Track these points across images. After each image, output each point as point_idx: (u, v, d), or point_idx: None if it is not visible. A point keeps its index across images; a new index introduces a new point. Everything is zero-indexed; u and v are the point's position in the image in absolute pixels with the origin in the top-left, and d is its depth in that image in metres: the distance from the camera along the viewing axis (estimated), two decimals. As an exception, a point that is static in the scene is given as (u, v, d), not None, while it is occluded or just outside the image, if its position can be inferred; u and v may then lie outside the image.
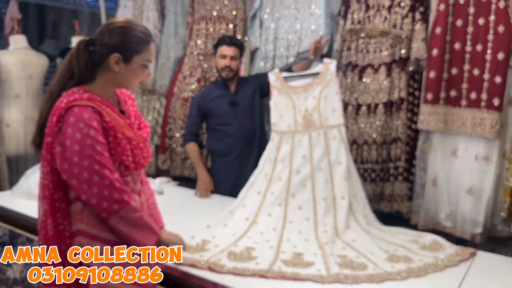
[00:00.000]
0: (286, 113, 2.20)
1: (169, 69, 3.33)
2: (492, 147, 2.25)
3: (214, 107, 2.66)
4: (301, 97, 2.18)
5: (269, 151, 2.20)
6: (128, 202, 1.40)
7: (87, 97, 1.37)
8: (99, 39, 1.42)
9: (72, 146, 1.33)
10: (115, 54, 1.41)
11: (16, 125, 3.54)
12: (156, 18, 3.39)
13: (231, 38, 2.63)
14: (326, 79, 2.15)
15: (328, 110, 2.15)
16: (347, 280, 1.62)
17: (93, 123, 1.34)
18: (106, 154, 1.37)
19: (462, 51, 2.28)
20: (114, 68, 1.42)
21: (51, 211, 1.39)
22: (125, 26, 1.44)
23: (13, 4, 5.16)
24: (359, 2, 2.51)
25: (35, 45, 4.85)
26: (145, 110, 3.51)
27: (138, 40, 1.44)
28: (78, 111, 1.34)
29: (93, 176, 1.34)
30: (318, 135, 2.14)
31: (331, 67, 2.16)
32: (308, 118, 2.15)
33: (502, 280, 1.69)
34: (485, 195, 2.26)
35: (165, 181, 2.92)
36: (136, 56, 1.44)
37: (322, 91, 2.15)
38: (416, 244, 1.95)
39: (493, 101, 2.20)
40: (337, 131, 2.13)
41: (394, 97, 2.47)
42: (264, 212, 2.09)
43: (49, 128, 1.38)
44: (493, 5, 2.18)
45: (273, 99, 2.23)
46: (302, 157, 2.13)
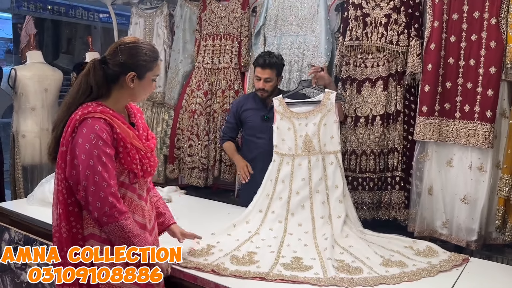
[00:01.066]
0: (287, 136, 2.34)
1: (178, 83, 3.47)
2: (486, 157, 2.33)
3: (247, 117, 2.72)
4: (302, 122, 2.32)
5: (270, 172, 2.35)
6: (117, 219, 1.43)
7: (100, 110, 1.49)
8: (113, 59, 1.53)
9: (80, 155, 1.44)
10: (131, 73, 1.53)
11: (32, 136, 3.71)
12: (165, 34, 3.56)
13: (265, 60, 2.56)
14: (327, 108, 2.30)
15: (327, 137, 2.29)
16: (343, 283, 1.71)
17: (103, 135, 1.45)
18: (110, 165, 1.45)
19: (456, 66, 2.38)
20: (129, 85, 1.54)
21: (65, 215, 1.49)
22: (137, 46, 1.55)
23: (29, 20, 5.38)
24: (357, 20, 2.63)
25: (50, 60, 5.06)
26: (155, 122, 3.66)
27: (149, 59, 1.55)
28: (90, 122, 1.45)
29: (91, 186, 1.42)
30: (317, 160, 2.28)
31: (331, 97, 2.31)
32: (308, 143, 2.29)
33: (493, 285, 1.75)
34: (480, 204, 2.34)
35: (173, 190, 3.03)
36: (148, 73, 1.56)
37: (322, 119, 2.29)
38: (411, 250, 2.04)
39: (486, 113, 2.29)
40: (334, 157, 2.29)
41: (391, 109, 2.57)
42: (265, 227, 2.22)
43: (64, 138, 1.49)
44: (485, 22, 2.28)
45: (276, 123, 2.37)
46: (301, 180, 2.28)
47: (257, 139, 2.67)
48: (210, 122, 3.30)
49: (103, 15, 5.79)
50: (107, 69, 1.52)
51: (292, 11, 2.90)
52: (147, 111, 3.68)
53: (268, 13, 2.99)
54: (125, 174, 1.53)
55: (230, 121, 2.81)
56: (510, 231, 2.20)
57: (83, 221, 1.51)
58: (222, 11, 3.24)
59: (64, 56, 5.66)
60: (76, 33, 5.84)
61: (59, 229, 1.50)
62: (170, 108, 3.55)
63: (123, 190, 1.54)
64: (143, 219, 1.59)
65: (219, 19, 3.25)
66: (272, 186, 2.32)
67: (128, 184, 1.55)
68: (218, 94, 3.26)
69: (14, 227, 2.42)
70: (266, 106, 2.67)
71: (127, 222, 1.46)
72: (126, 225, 1.46)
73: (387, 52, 2.56)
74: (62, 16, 5.63)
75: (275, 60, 2.59)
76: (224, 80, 3.24)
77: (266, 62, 2.55)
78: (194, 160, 3.33)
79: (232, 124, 2.78)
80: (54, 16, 5.63)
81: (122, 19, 5.38)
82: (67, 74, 4.08)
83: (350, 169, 2.66)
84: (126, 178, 1.54)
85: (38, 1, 5.44)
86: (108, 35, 5.59)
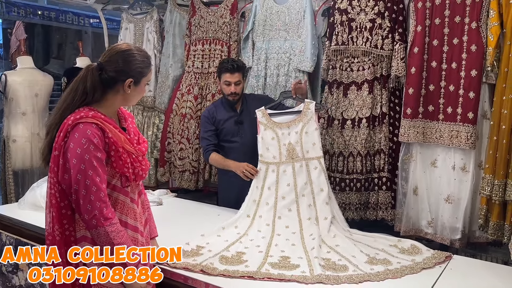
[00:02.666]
0: (271, 146, 2.43)
1: (168, 87, 3.51)
2: (469, 158, 2.40)
3: (222, 127, 2.77)
4: (285, 132, 2.42)
5: (257, 180, 2.44)
6: (103, 224, 1.46)
7: (92, 115, 1.52)
8: (110, 65, 1.56)
9: (72, 159, 1.47)
10: (129, 79, 1.57)
11: (22, 141, 3.71)
12: (155, 39, 3.59)
13: (233, 65, 2.65)
14: (307, 117, 2.41)
15: (309, 144, 2.38)
16: (328, 280, 1.75)
17: (94, 140, 1.48)
18: (101, 170, 1.48)
19: (439, 69, 2.45)
20: (126, 91, 1.58)
21: (58, 218, 1.52)
22: (132, 53, 1.58)
23: (19, 25, 5.37)
24: (343, 25, 2.70)
25: (41, 65, 5.06)
26: (145, 126, 3.69)
27: (144, 65, 1.61)
28: (82, 127, 1.48)
29: (82, 190, 1.45)
30: (301, 166, 2.37)
31: (311, 106, 2.42)
32: (291, 150, 2.39)
33: (474, 281, 1.80)
34: (463, 203, 2.40)
35: (164, 193, 3.06)
36: (143, 79, 1.62)
37: (303, 127, 2.40)
38: (396, 248, 2.09)
39: (468, 115, 2.36)
40: (317, 162, 2.37)
41: (376, 112, 2.63)
42: (254, 229, 2.28)
43: (57, 143, 1.52)
44: (466, 26, 2.35)
45: (260, 133, 2.46)
46: (287, 185, 2.36)
47: (232, 143, 2.75)
48: (200, 126, 3.34)
49: (94, 20, 5.80)
50: (103, 75, 1.55)
51: (280, 16, 2.96)
52: (137, 115, 3.71)
53: (257, 18, 3.04)
54: (117, 177, 1.57)
55: (209, 129, 2.77)
56: (493, 229, 2.27)
57: (76, 224, 1.54)
58: (211, 16, 3.29)
59: (55, 61, 5.66)
60: (66, 38, 5.84)
61: (52, 232, 1.53)
62: (161, 112, 3.58)
63: (116, 193, 1.58)
64: (135, 221, 1.63)
65: (208, 24, 3.30)
66: (258, 193, 2.41)
67: (120, 188, 1.58)
68: (208, 98, 3.30)
69: (6, 231, 2.44)
70: (236, 110, 2.77)
71: (112, 228, 1.48)
72: (111, 232, 1.47)
73: (372, 56, 2.62)
74: (53, 21, 5.62)
75: (241, 64, 2.76)
76: (214, 84, 3.29)
77: (234, 66, 2.66)
78: (185, 164, 3.36)
79: (212, 131, 2.76)
80: (45, 21, 5.63)
81: (112, 24, 5.41)
82: (57, 79, 4.09)
83: (338, 170, 2.72)
84: (118, 181, 1.57)
85: (28, 6, 5.44)
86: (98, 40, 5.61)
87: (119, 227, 1.51)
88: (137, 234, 1.63)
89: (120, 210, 1.58)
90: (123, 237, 1.51)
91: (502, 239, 2.23)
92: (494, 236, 2.26)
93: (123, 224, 1.57)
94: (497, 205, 2.24)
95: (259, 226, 2.29)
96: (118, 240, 1.48)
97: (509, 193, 2.19)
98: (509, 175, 2.20)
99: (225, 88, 2.70)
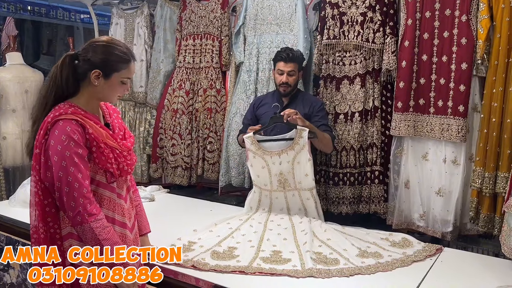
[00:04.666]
0: (262, 174, 2.39)
1: (159, 83, 3.49)
2: (460, 151, 2.41)
3: (262, 114, 2.63)
4: (276, 161, 2.33)
5: (251, 200, 2.48)
6: (87, 221, 1.44)
7: (71, 111, 1.49)
8: (83, 55, 1.54)
9: (53, 156, 1.45)
10: (96, 70, 1.53)
11: (13, 138, 3.68)
12: (146, 34, 3.56)
13: (288, 54, 2.51)
14: (300, 146, 2.28)
15: (301, 175, 2.33)
16: (319, 274, 1.76)
17: (74, 136, 1.45)
18: (83, 166, 1.46)
19: (429, 62, 2.45)
20: (94, 82, 1.54)
21: (42, 216, 1.51)
22: (108, 45, 1.56)
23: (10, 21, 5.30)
24: (334, 18, 2.69)
25: (31, 61, 5.00)
26: (137, 122, 3.67)
27: (118, 59, 1.54)
28: (62, 124, 1.46)
29: (64, 187, 1.44)
30: (293, 195, 2.39)
31: (304, 134, 2.27)
32: (283, 181, 2.36)
33: (465, 273, 1.81)
34: (454, 196, 2.41)
35: (156, 189, 3.05)
36: (115, 73, 1.55)
37: (295, 157, 2.30)
38: (387, 241, 2.10)
39: (458, 108, 2.36)
40: (309, 193, 2.36)
41: (369, 106, 2.63)
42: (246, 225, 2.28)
43: (37, 140, 1.50)
44: (456, 19, 2.36)
45: (249, 161, 2.40)
46: (280, 210, 2.41)
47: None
48: (192, 121, 3.32)
49: (84, 16, 5.74)
50: (77, 65, 1.53)
51: (271, 10, 2.94)
52: (129, 111, 3.69)
53: (248, 12, 3.02)
54: (101, 173, 1.55)
55: (248, 118, 2.68)
56: (483, 221, 2.28)
57: (61, 221, 1.53)
58: (202, 11, 3.27)
59: (45, 57, 5.60)
60: (57, 34, 5.77)
61: (37, 230, 1.52)
62: (152, 108, 3.56)
63: (101, 189, 1.56)
64: (122, 217, 1.62)
65: (199, 18, 3.27)
66: (252, 211, 2.46)
67: (105, 184, 1.57)
68: (200, 93, 3.28)
69: (-4, 229, 2.42)
70: (282, 103, 2.61)
71: (97, 224, 1.46)
72: (96, 228, 1.46)
73: (364, 50, 2.61)
74: (43, 17, 5.56)
75: (297, 54, 2.56)
76: (205, 79, 3.27)
77: (289, 55, 2.50)
78: (177, 159, 3.35)
79: (250, 121, 2.65)
80: (35, 17, 5.56)
81: (104, 19, 5.35)
82: (47, 75, 4.05)
83: (331, 164, 2.72)
84: (102, 177, 1.56)
85: (18, 2, 5.37)
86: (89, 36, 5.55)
87: (105, 223, 1.50)
88: (126, 230, 1.62)
89: (106, 206, 1.57)
90: (109, 233, 1.50)
91: (493, 231, 2.25)
92: (485, 228, 2.28)
93: (111, 221, 1.55)
94: (487, 198, 2.26)
95: (251, 223, 2.30)
96: (103, 236, 1.47)
97: (499, 185, 2.20)
98: (500, 168, 2.21)
99: (277, 77, 2.55)
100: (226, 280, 1.72)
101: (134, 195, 1.79)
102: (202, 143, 3.28)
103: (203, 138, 3.28)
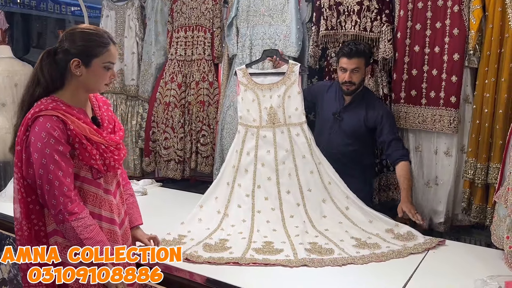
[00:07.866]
0: (252, 108, 2.33)
1: (151, 76, 3.45)
2: (451, 142, 2.42)
3: (321, 107, 2.48)
4: (266, 94, 2.31)
5: (235, 144, 2.34)
6: (68, 220, 1.42)
7: (52, 107, 1.43)
8: (60, 47, 1.49)
9: (34, 153, 1.41)
10: (74, 59, 1.46)
11: (3, 132, 3.62)
12: (137, 27, 3.52)
13: (351, 48, 2.30)
14: (291, 80, 2.29)
15: (291, 109, 2.29)
16: (313, 263, 1.76)
17: (55, 133, 1.40)
18: (63, 163, 1.42)
19: (421, 53, 2.44)
20: (75, 72, 1.47)
21: (25, 213, 1.48)
22: (83, 31, 1.49)
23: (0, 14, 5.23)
24: (331, 9, 2.64)
25: (21, 55, 4.93)
26: (129, 115, 3.63)
27: (95, 44, 1.48)
28: (42, 120, 1.42)
29: (45, 185, 1.41)
30: (282, 132, 2.28)
31: (295, 69, 2.30)
32: (272, 115, 2.29)
33: (457, 264, 1.81)
34: (446, 187, 2.43)
35: (149, 183, 3.04)
36: (95, 59, 1.48)
37: (286, 91, 2.29)
38: (391, 233, 2.06)
39: (450, 99, 2.37)
40: (300, 128, 2.28)
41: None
42: (233, 204, 2.23)
43: (18, 137, 1.47)
44: (449, 10, 2.35)
45: (240, 94, 2.37)
46: (266, 152, 2.28)
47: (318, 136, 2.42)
48: (185, 114, 3.30)
49: (75, 8, 5.68)
50: (57, 59, 1.49)
51: (263, 1, 2.91)
52: (121, 104, 3.65)
53: (240, 4, 2.99)
54: (85, 169, 1.51)
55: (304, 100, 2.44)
56: (475, 212, 2.30)
57: (46, 218, 1.51)
58: (194, 2, 3.23)
59: (35, 50, 5.53)
60: (47, 27, 5.71)
61: (21, 227, 1.49)
62: (144, 101, 3.53)
63: (86, 185, 1.52)
64: (110, 213, 1.58)
65: (191, 10, 3.24)
66: (237, 158, 2.31)
67: (91, 180, 1.52)
68: (192, 86, 3.26)
69: (-14, 224, 2.40)
70: (343, 101, 2.42)
71: (78, 224, 1.43)
72: (77, 227, 1.43)
73: (363, 39, 2.56)
74: (33, 10, 5.49)
75: (362, 47, 2.34)
76: (197, 72, 3.24)
77: (353, 50, 2.29)
78: (170, 153, 3.33)
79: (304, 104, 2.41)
80: (24, 10, 5.49)
81: (94, 12, 5.29)
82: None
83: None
84: (88, 173, 1.51)
85: (8, -5, 5.30)
86: (80, 29, 5.50)
87: (87, 222, 1.46)
88: (114, 227, 1.58)
89: (92, 202, 1.53)
90: (92, 231, 1.46)
91: (485, 222, 2.27)
92: (477, 219, 2.30)
93: (97, 217, 1.52)
94: (479, 188, 2.28)
95: (239, 200, 2.23)
96: (85, 235, 1.44)
97: (491, 176, 2.22)
98: (492, 159, 2.23)
99: (340, 75, 2.34)
100: (219, 273, 1.72)
101: (125, 188, 1.76)
102: (195, 136, 3.27)
103: (196, 131, 3.26)
